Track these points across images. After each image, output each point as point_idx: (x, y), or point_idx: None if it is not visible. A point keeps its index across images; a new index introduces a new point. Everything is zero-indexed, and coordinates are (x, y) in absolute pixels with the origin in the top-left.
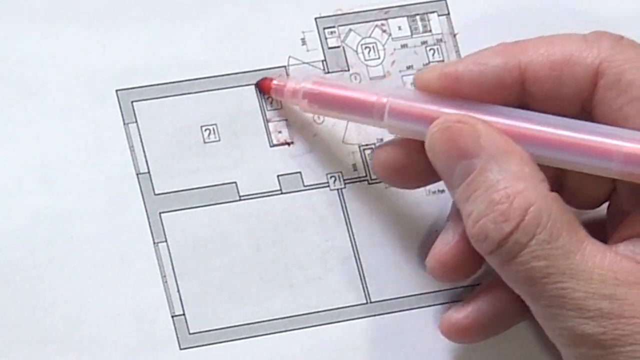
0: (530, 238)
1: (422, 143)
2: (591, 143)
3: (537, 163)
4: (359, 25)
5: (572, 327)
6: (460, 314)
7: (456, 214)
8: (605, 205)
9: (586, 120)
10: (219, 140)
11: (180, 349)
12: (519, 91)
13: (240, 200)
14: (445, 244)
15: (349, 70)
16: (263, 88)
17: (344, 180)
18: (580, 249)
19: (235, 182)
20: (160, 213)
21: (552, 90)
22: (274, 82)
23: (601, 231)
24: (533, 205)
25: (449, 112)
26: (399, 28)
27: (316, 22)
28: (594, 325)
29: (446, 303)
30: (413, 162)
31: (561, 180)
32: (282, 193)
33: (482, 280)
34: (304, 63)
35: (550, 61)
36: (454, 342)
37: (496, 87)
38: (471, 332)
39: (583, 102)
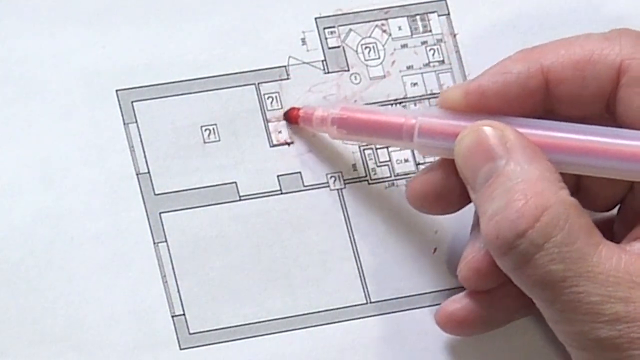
0: (546, 239)
1: (453, 165)
2: (620, 147)
3: (563, 171)
4: (359, 25)
5: (587, 332)
6: (458, 304)
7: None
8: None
9: (610, 119)
10: (219, 140)
11: (180, 349)
12: (544, 96)
13: (240, 200)
14: (476, 251)
15: (349, 70)
16: (291, 118)
17: (344, 180)
18: (597, 252)
19: (235, 182)
20: (160, 213)
21: (576, 90)
22: (301, 111)
23: (608, 231)
24: (551, 206)
25: (488, 120)
26: (399, 28)
27: (316, 22)
28: (608, 329)
29: None
30: (446, 187)
31: (578, 185)
32: (282, 193)
33: None
34: (304, 63)
35: (572, 61)
36: (450, 333)
37: (521, 95)
38: (468, 324)
39: (607, 100)
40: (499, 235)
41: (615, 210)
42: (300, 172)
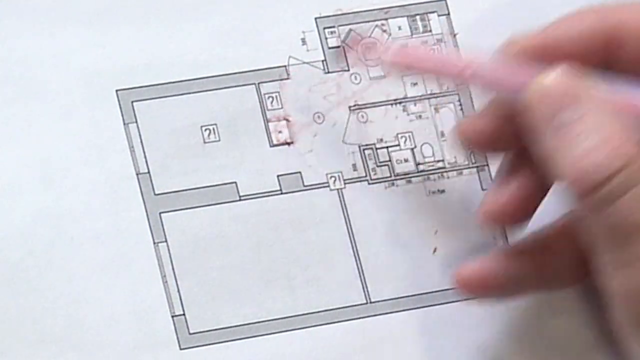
0: (633, 185)
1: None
2: None
3: None
4: (359, 25)
5: None
6: (476, 265)
7: (508, 172)
8: None
9: None
10: (219, 140)
11: (180, 349)
12: (609, 52)
13: (240, 200)
14: (501, 190)
15: (349, 70)
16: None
17: (344, 180)
18: None
19: (235, 182)
20: (160, 213)
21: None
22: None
23: None
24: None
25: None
26: (399, 28)
27: (316, 22)
28: None
29: (446, 303)
30: (497, 130)
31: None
32: (282, 193)
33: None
34: (304, 63)
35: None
36: (467, 294)
37: (589, 49)
38: (485, 285)
39: None
40: (586, 175)
41: None
42: (300, 172)
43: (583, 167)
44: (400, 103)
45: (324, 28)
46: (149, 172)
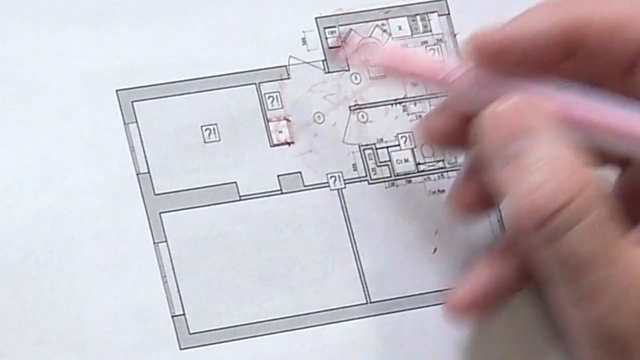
0: (581, 218)
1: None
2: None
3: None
4: (359, 25)
5: (605, 322)
6: (461, 291)
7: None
8: None
9: (624, 88)
10: (219, 140)
11: (180, 349)
12: (567, 51)
13: (240, 200)
14: (460, 179)
15: (349, 70)
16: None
17: (344, 180)
18: (625, 238)
19: (235, 182)
20: (160, 213)
21: (603, 54)
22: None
23: None
24: (588, 185)
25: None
26: (399, 28)
27: (316, 21)
28: (627, 324)
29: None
30: (459, 130)
31: None
32: (282, 193)
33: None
34: (304, 63)
35: (606, 22)
36: (457, 319)
37: (552, 49)
38: (472, 308)
39: (625, 69)
40: (533, 210)
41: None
42: (300, 172)
43: (531, 202)
44: (400, 103)
45: (324, 28)
46: (149, 172)
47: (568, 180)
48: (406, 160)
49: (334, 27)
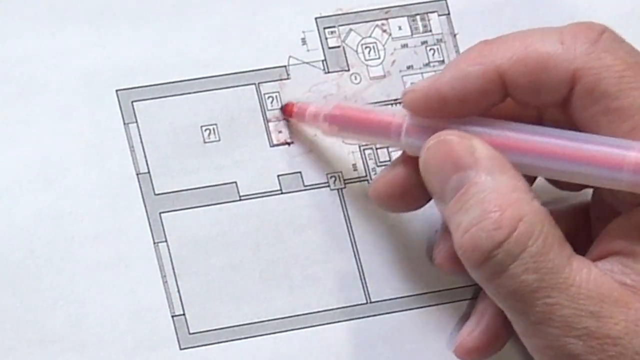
0: (522, 250)
1: (417, 165)
2: (598, 154)
3: (540, 175)
4: (359, 25)
5: (560, 346)
6: (472, 336)
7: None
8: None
9: (567, 121)
10: (219, 140)
11: (180, 349)
12: (502, 94)
13: (240, 200)
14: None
15: (349, 70)
16: (285, 112)
17: (344, 180)
18: (569, 263)
19: (235, 182)
20: (160, 213)
21: (532, 95)
22: (296, 106)
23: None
24: (526, 216)
25: (454, 130)
26: (399, 28)
27: (316, 21)
28: (581, 346)
29: (446, 303)
30: (410, 184)
31: None
32: (282, 193)
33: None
34: (304, 63)
35: (528, 68)
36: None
37: (480, 97)
38: (486, 350)
39: (562, 104)
40: (474, 247)
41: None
42: (300, 172)
43: (472, 238)
44: (400, 103)
45: (324, 28)
46: (149, 172)
47: (506, 214)
48: None
49: (334, 27)
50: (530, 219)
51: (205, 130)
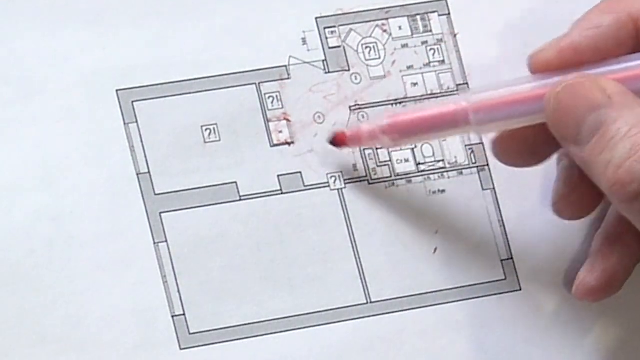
0: None
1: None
2: None
3: None
4: (359, 25)
5: None
6: (594, 276)
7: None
8: None
9: None
10: (219, 140)
11: (180, 349)
12: (634, 44)
13: (240, 200)
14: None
15: (349, 70)
16: (339, 143)
17: (344, 180)
18: None
19: (235, 182)
20: (160, 213)
21: None
22: (348, 132)
23: None
24: None
25: (539, 82)
26: (400, 28)
27: (317, 21)
28: None
29: (446, 303)
30: (532, 139)
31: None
32: (282, 193)
33: None
34: (304, 63)
35: None
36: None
37: (613, 46)
38: (602, 292)
39: None
40: (633, 179)
41: None
42: (300, 172)
43: (629, 171)
44: (400, 103)
45: (325, 28)
46: (149, 172)
47: None
48: (406, 160)
49: (334, 27)
50: None
51: (206, 130)
